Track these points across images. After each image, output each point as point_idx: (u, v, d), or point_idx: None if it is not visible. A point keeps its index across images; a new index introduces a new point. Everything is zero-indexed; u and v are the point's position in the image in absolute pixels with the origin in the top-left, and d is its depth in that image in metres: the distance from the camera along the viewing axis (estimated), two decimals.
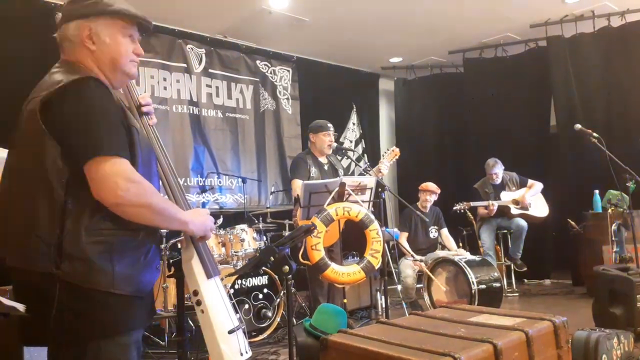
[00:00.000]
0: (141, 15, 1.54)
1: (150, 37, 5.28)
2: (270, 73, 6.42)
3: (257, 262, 1.95)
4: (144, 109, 1.68)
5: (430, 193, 4.98)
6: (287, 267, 1.80)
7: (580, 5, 5.56)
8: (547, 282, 6.06)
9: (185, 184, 5.46)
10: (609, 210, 4.45)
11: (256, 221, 4.66)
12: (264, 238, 4.61)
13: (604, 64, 5.79)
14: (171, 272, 1.72)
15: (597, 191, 5.13)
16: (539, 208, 5.40)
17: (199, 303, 1.64)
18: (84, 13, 1.47)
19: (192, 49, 5.73)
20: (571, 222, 5.30)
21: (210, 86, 5.85)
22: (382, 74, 7.71)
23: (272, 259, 1.78)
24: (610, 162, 4.03)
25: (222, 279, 3.55)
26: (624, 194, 4.12)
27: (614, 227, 4.20)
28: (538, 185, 5.42)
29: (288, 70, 6.59)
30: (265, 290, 4.01)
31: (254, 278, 3.99)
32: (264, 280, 4.03)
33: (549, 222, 5.65)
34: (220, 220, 4.29)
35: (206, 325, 1.65)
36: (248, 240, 4.23)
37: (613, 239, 4.21)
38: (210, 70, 5.86)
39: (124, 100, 1.63)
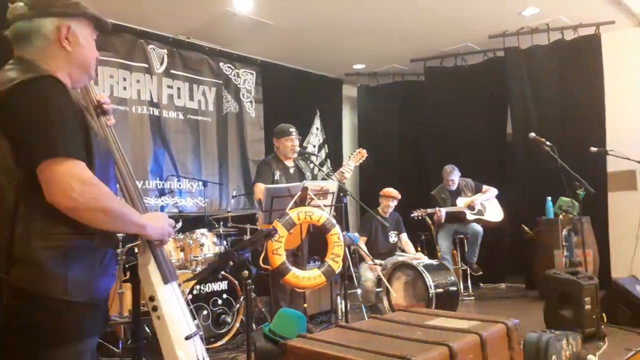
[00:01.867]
0: (108, 23, 1.57)
1: (110, 36, 5.15)
2: (234, 76, 6.37)
3: (215, 266, 1.93)
4: (103, 107, 1.65)
5: (392, 199, 5.07)
6: (246, 272, 1.79)
7: (536, 19, 5.78)
8: (502, 285, 6.25)
9: (144, 186, 5.34)
10: (560, 217, 4.64)
11: (217, 225, 4.60)
12: (225, 243, 4.56)
13: (557, 75, 6.04)
14: (127, 277, 1.68)
15: (549, 198, 5.33)
16: (494, 213, 5.57)
17: (155, 309, 1.61)
18: (65, 12, 1.45)
19: (153, 49, 5.62)
20: (525, 227, 5.48)
21: (171, 87, 5.75)
22: (346, 80, 7.78)
23: (231, 263, 1.77)
24: (562, 170, 4.22)
25: (180, 284, 3.50)
26: (574, 201, 4.30)
27: (564, 232, 4.37)
28: (492, 191, 5.60)
29: (252, 73, 6.56)
30: (224, 296, 3.95)
31: (213, 283, 3.93)
32: (223, 285, 3.98)
33: (504, 228, 5.83)
34: (179, 225, 4.22)
35: (162, 331, 1.62)
36: (208, 244, 4.16)
37: (564, 244, 4.39)
38: (172, 71, 5.76)
39: (82, 100, 1.60)
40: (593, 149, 4.80)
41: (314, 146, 7.36)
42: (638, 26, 5.89)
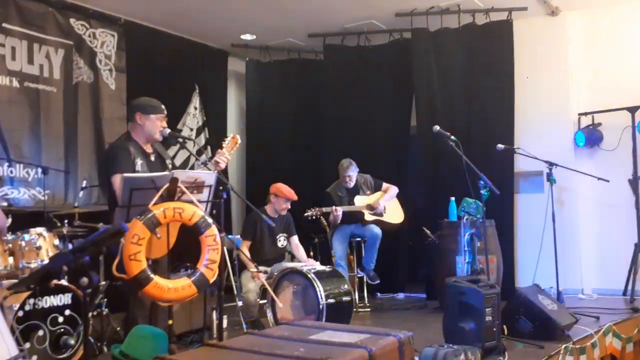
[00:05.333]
0: None
1: None
2: (89, 36, 6.02)
3: (44, 272, 1.80)
4: None
5: (289, 200, 5.07)
6: (85, 280, 1.69)
7: None
8: (401, 295, 6.57)
9: None
10: (463, 219, 4.97)
11: (59, 224, 4.36)
12: (70, 246, 4.32)
13: (466, 64, 6.47)
14: None
15: (453, 198, 5.69)
16: (394, 214, 5.84)
17: None
18: None
19: None
20: (426, 230, 5.80)
21: (3, 45, 5.31)
22: (232, 52, 7.69)
23: (65, 268, 1.66)
24: (467, 167, 4.52)
25: (5, 298, 3.23)
26: (478, 202, 4.64)
27: (466, 236, 4.69)
28: (393, 190, 5.86)
29: (112, 35, 6.25)
30: (67, 312, 3.75)
31: (52, 297, 3.70)
32: (66, 299, 3.76)
33: (404, 231, 6.13)
34: (8, 221, 3.90)
35: None
36: (46, 248, 3.90)
37: (465, 249, 4.71)
38: (4, 25, 5.30)
39: None
40: (500, 146, 5.21)
41: (191, 129, 7.21)
42: (550, 15, 6.48)
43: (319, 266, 4.75)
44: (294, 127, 7.68)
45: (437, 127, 4.69)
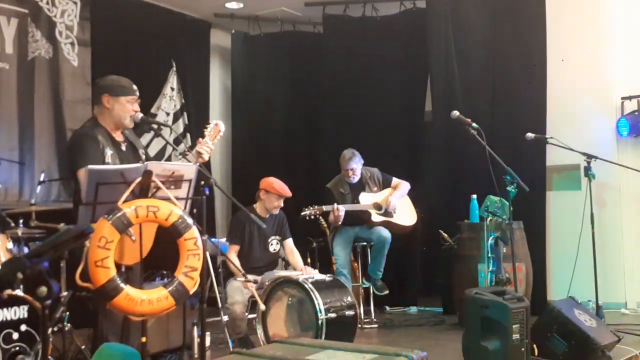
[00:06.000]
0: None
1: None
2: (47, 4, 6.03)
3: None
4: None
5: (282, 197, 5.07)
6: (44, 289, 1.69)
7: None
8: (414, 309, 6.60)
9: None
10: (487, 220, 4.97)
11: (13, 224, 4.37)
12: (27, 249, 4.34)
13: (490, 38, 6.48)
14: None
15: (475, 196, 5.70)
16: (406, 215, 5.85)
17: None
18: None
19: None
20: (443, 233, 5.81)
21: None
22: (216, 23, 7.71)
23: (20, 275, 1.66)
24: (491, 159, 4.52)
25: None
26: (503, 200, 4.64)
27: (490, 240, 4.70)
28: (405, 186, 5.87)
29: (75, 2, 6.25)
30: (23, 328, 3.76)
31: (5, 309, 3.71)
32: (21, 312, 3.77)
33: (417, 234, 6.14)
34: None
35: None
36: None
37: (489, 255, 4.72)
38: None
39: None
40: (529, 135, 5.21)
41: (168, 114, 7.23)
42: None
43: (317, 275, 4.76)
44: (288, 112, 7.70)
45: (455, 113, 4.70)
